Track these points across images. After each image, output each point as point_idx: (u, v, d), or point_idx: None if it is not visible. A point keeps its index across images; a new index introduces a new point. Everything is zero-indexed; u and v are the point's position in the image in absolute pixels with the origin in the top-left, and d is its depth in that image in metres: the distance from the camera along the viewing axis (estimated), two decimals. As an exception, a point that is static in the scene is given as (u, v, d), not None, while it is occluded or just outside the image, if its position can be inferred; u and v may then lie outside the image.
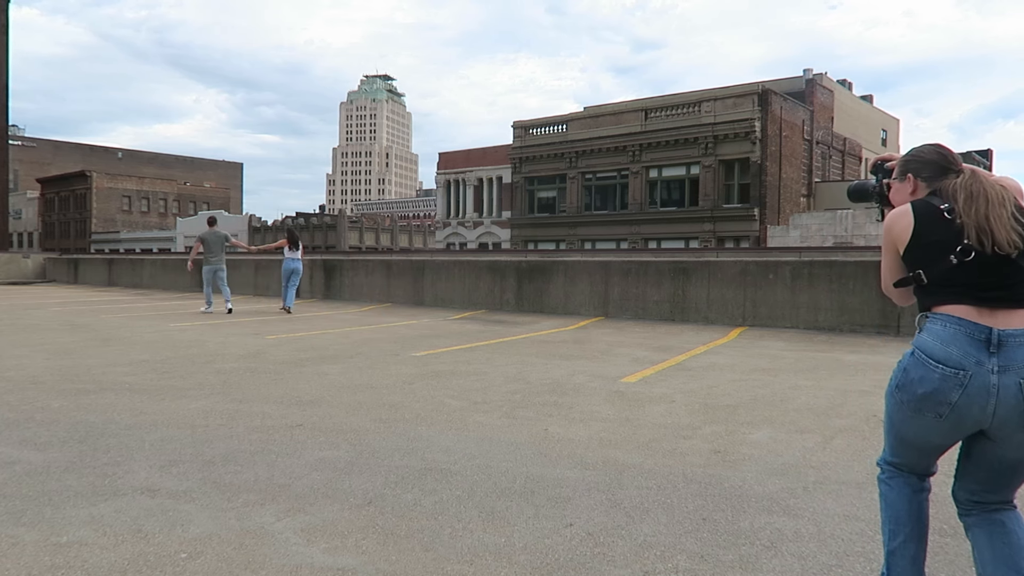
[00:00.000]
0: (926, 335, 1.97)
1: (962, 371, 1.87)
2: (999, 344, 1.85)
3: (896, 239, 2.05)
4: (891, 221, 2.08)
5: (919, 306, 2.08)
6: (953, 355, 1.89)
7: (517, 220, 40.68)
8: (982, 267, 1.91)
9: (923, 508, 2.14)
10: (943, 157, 2.10)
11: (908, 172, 2.16)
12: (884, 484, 2.20)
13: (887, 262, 2.13)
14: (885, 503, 2.17)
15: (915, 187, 2.13)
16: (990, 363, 1.85)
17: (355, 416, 4.75)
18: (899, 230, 2.04)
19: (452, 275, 14.55)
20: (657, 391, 5.64)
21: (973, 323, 1.89)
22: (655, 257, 12.80)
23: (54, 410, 4.86)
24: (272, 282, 18.40)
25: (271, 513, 2.99)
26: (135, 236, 68.71)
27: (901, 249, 2.04)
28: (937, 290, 1.98)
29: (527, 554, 2.61)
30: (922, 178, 2.11)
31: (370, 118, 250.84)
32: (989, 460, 2.01)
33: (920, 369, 1.94)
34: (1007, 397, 1.84)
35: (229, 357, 7.36)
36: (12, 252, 34.49)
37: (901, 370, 2.01)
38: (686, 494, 3.24)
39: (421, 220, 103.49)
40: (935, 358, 1.91)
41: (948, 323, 1.92)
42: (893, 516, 2.13)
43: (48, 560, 2.52)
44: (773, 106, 33.06)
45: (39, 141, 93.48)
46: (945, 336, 1.91)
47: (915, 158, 2.15)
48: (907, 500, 2.13)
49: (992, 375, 1.85)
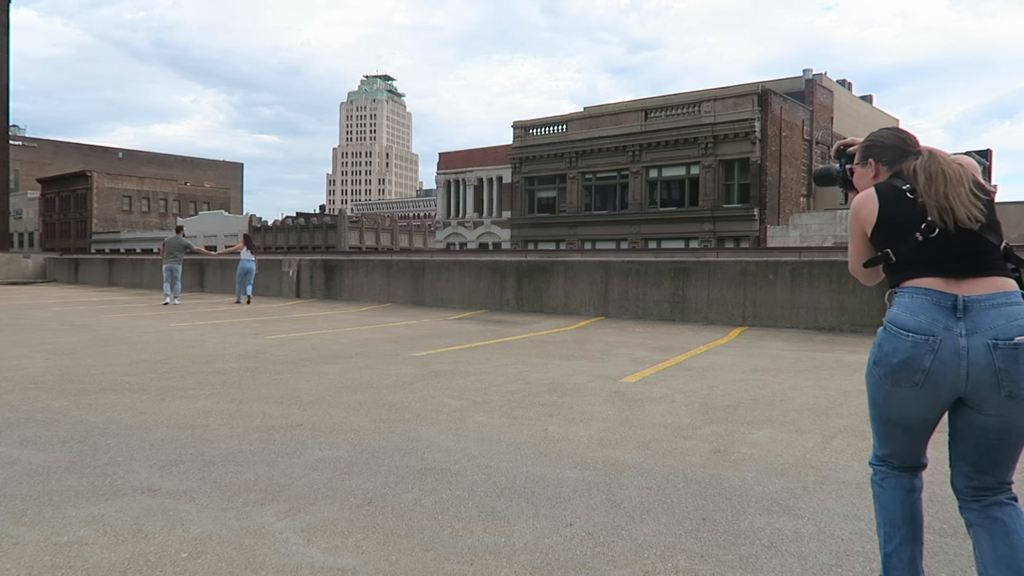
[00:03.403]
0: (896, 308, 2.04)
1: (932, 336, 1.94)
2: (965, 309, 1.93)
3: (863, 222, 2.13)
4: (857, 205, 2.16)
5: (888, 284, 2.14)
6: (922, 323, 1.96)
7: (517, 220, 40.68)
8: (946, 242, 1.99)
9: (917, 509, 2.15)
10: (902, 140, 2.18)
11: (869, 157, 2.24)
12: (877, 486, 2.21)
13: (855, 244, 2.19)
14: (879, 505, 2.19)
15: (877, 171, 2.22)
16: (958, 327, 1.92)
17: (355, 416, 4.75)
18: (865, 213, 2.12)
19: (452, 275, 14.55)
20: (657, 391, 5.64)
21: (939, 292, 1.97)
22: (655, 257, 12.80)
23: (54, 410, 4.86)
24: (272, 282, 18.41)
25: (271, 513, 2.99)
26: (135, 236, 68.74)
27: (868, 231, 2.12)
28: (905, 266, 2.06)
29: (527, 554, 2.61)
30: (883, 162, 2.20)
31: (370, 118, 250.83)
32: (975, 432, 2.01)
33: (892, 340, 2.00)
34: (977, 358, 1.90)
35: (229, 357, 7.36)
36: (12, 252, 34.49)
37: (875, 347, 2.07)
38: (686, 494, 3.24)
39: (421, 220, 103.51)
40: (905, 327, 1.98)
41: (915, 294, 2.00)
42: (888, 519, 2.15)
43: (48, 560, 2.52)
44: (773, 106, 33.06)
45: (39, 141, 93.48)
46: (913, 306, 1.99)
47: (875, 143, 2.23)
48: (900, 501, 2.14)
49: (960, 338, 1.91)
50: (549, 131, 39.66)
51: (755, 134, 32.24)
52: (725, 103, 33.39)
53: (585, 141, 37.56)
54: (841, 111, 41.65)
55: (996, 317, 1.91)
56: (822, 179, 2.53)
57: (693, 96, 35.71)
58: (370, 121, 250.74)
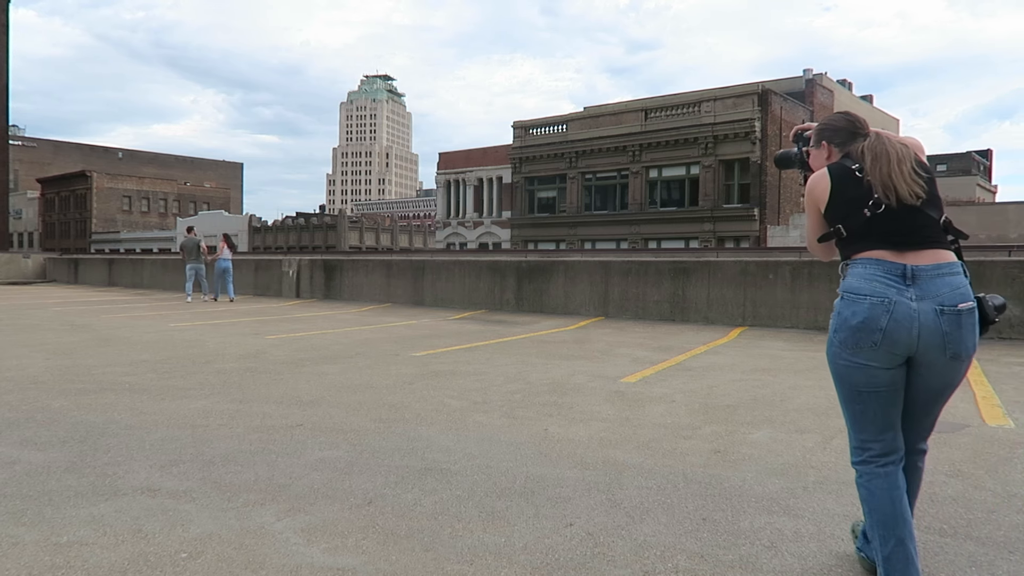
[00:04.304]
0: (850, 277, 2.20)
1: (886, 299, 2.11)
2: (914, 277, 2.11)
3: (817, 200, 2.30)
4: (812, 184, 2.32)
5: (841, 257, 2.30)
6: (876, 288, 2.13)
7: (517, 220, 40.68)
8: (892, 217, 2.16)
9: (906, 505, 2.20)
10: (851, 123, 2.35)
11: (823, 139, 2.41)
12: (864, 488, 2.25)
13: (811, 221, 2.36)
14: (869, 508, 2.22)
15: (830, 152, 2.38)
16: (909, 292, 2.10)
17: (355, 416, 4.75)
18: (819, 191, 2.28)
19: (452, 275, 14.55)
20: (657, 391, 5.64)
21: (890, 262, 2.14)
22: (655, 257, 12.79)
23: (54, 410, 4.86)
24: (272, 282, 18.41)
25: (271, 513, 2.99)
26: (135, 236, 68.77)
27: (822, 208, 2.29)
28: (856, 240, 2.22)
29: (527, 554, 2.61)
30: (835, 144, 2.36)
31: (370, 118, 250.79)
32: (917, 391, 2.23)
33: (851, 305, 2.17)
34: (927, 321, 2.08)
35: (229, 357, 7.36)
36: (12, 252, 34.48)
37: (834, 316, 2.23)
38: (686, 494, 3.24)
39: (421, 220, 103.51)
40: (861, 292, 2.15)
41: (868, 264, 2.17)
42: (881, 520, 2.17)
43: (48, 560, 2.52)
44: (773, 106, 33.06)
45: (39, 141, 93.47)
46: (866, 274, 2.16)
47: (828, 126, 2.41)
48: (890, 500, 2.18)
49: (912, 303, 2.09)
50: (549, 131, 39.65)
51: (755, 134, 32.24)
52: (725, 103, 33.39)
53: (585, 141, 37.55)
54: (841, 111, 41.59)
55: (941, 286, 2.09)
56: (782, 161, 2.70)
57: (693, 96, 35.71)
58: (370, 121, 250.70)
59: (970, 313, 2.10)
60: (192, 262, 16.41)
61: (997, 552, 2.62)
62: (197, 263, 16.45)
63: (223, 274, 16.48)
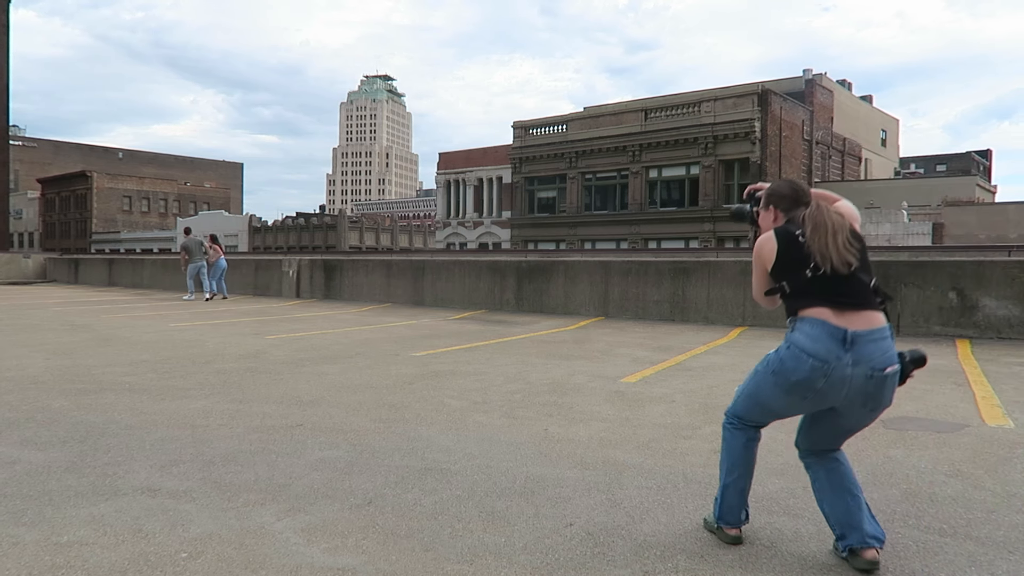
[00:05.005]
0: (798, 334, 2.47)
1: (826, 364, 2.38)
2: (852, 342, 2.38)
3: (765, 260, 2.59)
4: (760, 245, 2.62)
5: (786, 310, 2.59)
6: (820, 350, 2.39)
7: (517, 220, 40.68)
8: (831, 279, 2.45)
9: (754, 452, 2.72)
10: (796, 192, 2.65)
11: (770, 204, 2.71)
12: (728, 432, 2.74)
13: (758, 276, 2.65)
14: (727, 447, 2.73)
15: (776, 216, 2.68)
16: (846, 358, 2.37)
17: (355, 416, 4.75)
18: (766, 252, 2.58)
19: (452, 275, 14.55)
20: (657, 391, 5.64)
21: (833, 325, 2.40)
22: (655, 257, 12.79)
23: (54, 410, 4.86)
24: (272, 282, 18.41)
25: (271, 513, 2.99)
26: (135, 236, 68.76)
27: (769, 267, 2.58)
28: (799, 297, 2.51)
29: (527, 554, 2.61)
30: (781, 209, 2.66)
31: (370, 118, 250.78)
32: (831, 427, 2.58)
33: (795, 361, 2.44)
34: (857, 384, 2.39)
35: (229, 357, 7.37)
36: (12, 252, 34.49)
37: (778, 360, 2.51)
38: (686, 494, 3.24)
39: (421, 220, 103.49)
40: (807, 351, 2.41)
41: (814, 324, 2.44)
42: (732, 458, 2.70)
43: (48, 560, 2.53)
44: (773, 106, 33.07)
45: (39, 141, 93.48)
46: (814, 334, 2.42)
47: (775, 193, 2.70)
48: (743, 447, 2.70)
49: (848, 367, 2.38)
50: (549, 131, 39.65)
51: (755, 134, 32.25)
52: (725, 103, 33.39)
53: (585, 141, 37.56)
54: (841, 111, 41.64)
55: (874, 351, 2.38)
56: (736, 216, 3.01)
57: (693, 96, 35.71)
58: (370, 121, 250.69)
59: (894, 375, 2.41)
60: (196, 261, 16.86)
61: (997, 552, 2.62)
62: (200, 262, 16.88)
63: (223, 273, 17.09)
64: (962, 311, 8.85)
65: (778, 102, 33.63)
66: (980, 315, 8.74)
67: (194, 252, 16.91)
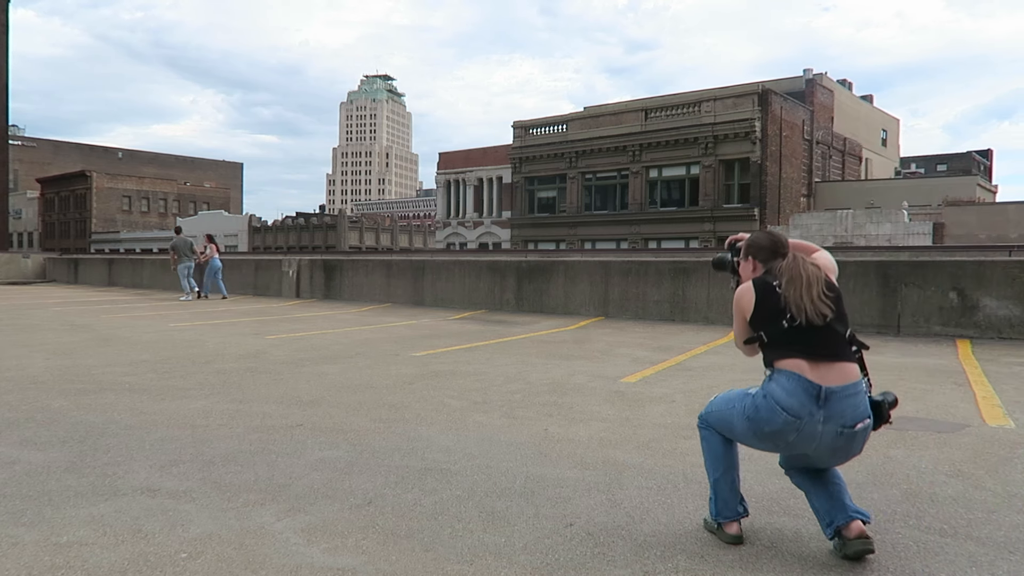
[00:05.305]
0: (775, 385, 2.53)
1: (799, 419, 2.46)
2: (826, 399, 2.45)
3: (744, 309, 2.68)
4: (739, 295, 2.72)
5: (764, 358, 2.66)
6: (794, 405, 2.47)
7: (517, 220, 40.67)
8: (806, 330, 2.53)
9: (735, 448, 2.80)
10: (774, 244, 2.75)
11: (749, 255, 2.82)
12: (704, 432, 2.84)
13: (738, 325, 2.75)
14: (707, 446, 2.82)
15: (755, 266, 2.78)
16: (819, 414, 2.46)
17: (355, 416, 4.75)
18: (745, 303, 2.67)
19: (452, 275, 14.55)
20: (657, 391, 5.64)
21: (808, 380, 2.47)
22: (655, 257, 12.79)
23: (54, 410, 4.86)
24: (272, 282, 18.41)
25: (271, 513, 2.99)
26: (135, 236, 68.75)
27: (748, 317, 2.67)
28: (776, 346, 2.59)
29: (527, 554, 2.61)
30: (759, 260, 2.76)
31: (370, 118, 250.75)
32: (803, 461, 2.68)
33: (769, 412, 2.52)
34: (827, 439, 2.48)
35: (229, 357, 7.36)
36: (12, 252, 34.49)
37: (753, 407, 2.58)
38: (686, 494, 3.24)
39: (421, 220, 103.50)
40: (782, 405, 2.49)
41: (791, 378, 2.50)
42: (714, 456, 2.79)
43: (48, 560, 2.52)
44: (773, 106, 33.06)
45: (39, 141, 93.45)
46: (790, 388, 2.49)
47: (753, 244, 2.81)
48: (721, 444, 2.79)
49: (819, 424, 2.46)
50: (549, 131, 39.65)
51: (755, 134, 32.24)
52: (725, 103, 33.39)
53: (585, 141, 37.56)
54: (841, 111, 41.63)
55: (846, 407, 2.46)
56: (718, 265, 3.13)
57: (693, 96, 35.71)
58: (370, 121, 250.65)
59: (864, 430, 2.50)
60: (186, 261, 17.04)
61: (998, 552, 2.62)
62: (189, 262, 17.09)
63: (217, 272, 17.11)
64: (963, 311, 8.85)
65: (778, 102, 33.62)
66: (981, 315, 8.74)
67: (183, 252, 17.08)
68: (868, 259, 9.96)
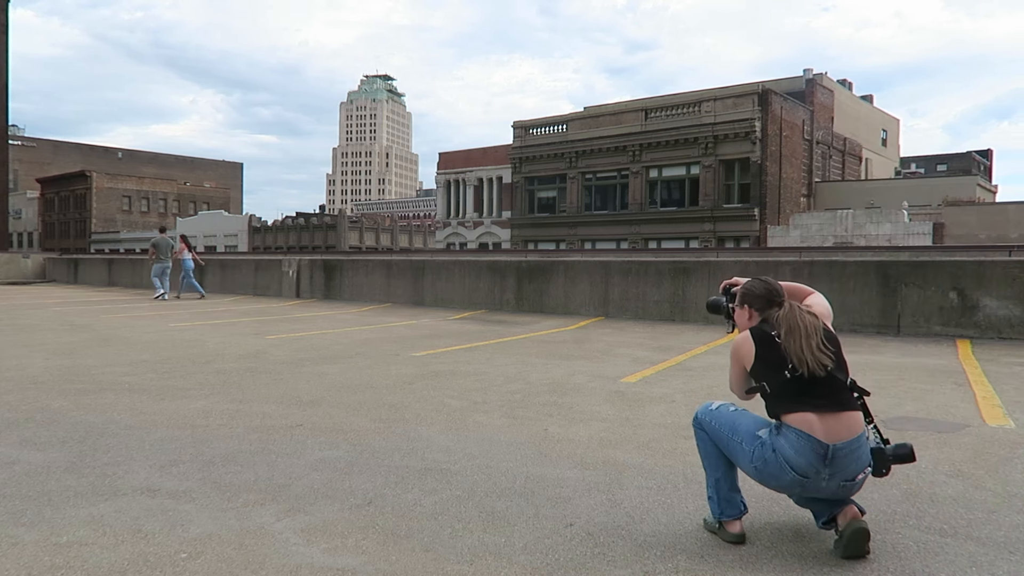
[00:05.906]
0: (785, 443, 2.53)
1: (806, 478, 2.51)
2: (832, 458, 2.48)
3: (743, 359, 2.69)
4: (737, 345, 2.72)
5: (768, 409, 2.64)
6: (803, 464, 2.49)
7: (517, 220, 40.67)
8: (809, 380, 2.53)
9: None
10: (769, 292, 2.74)
11: (744, 303, 2.81)
12: (701, 432, 2.84)
13: (737, 374, 2.76)
14: (703, 447, 2.84)
15: (751, 315, 2.78)
16: (824, 472, 2.49)
17: (355, 416, 4.75)
18: (744, 352, 2.68)
19: (452, 275, 14.55)
20: (657, 391, 5.64)
21: (817, 440, 2.47)
22: (655, 257, 12.79)
23: (54, 410, 4.86)
24: (272, 282, 18.41)
25: (271, 513, 2.99)
26: (135, 236, 68.70)
27: (747, 367, 2.68)
28: (780, 399, 2.58)
29: (527, 554, 2.61)
30: (755, 308, 2.75)
31: (370, 118, 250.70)
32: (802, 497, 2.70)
33: (777, 469, 2.54)
34: (829, 490, 2.53)
35: (229, 357, 7.36)
36: (12, 252, 34.49)
37: (762, 460, 2.57)
38: (686, 494, 3.24)
39: (421, 220, 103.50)
40: (790, 464, 2.51)
41: (801, 437, 2.50)
42: (714, 455, 2.79)
43: (48, 560, 2.52)
44: (773, 106, 33.06)
45: (39, 141, 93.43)
46: (799, 447, 2.50)
47: (749, 292, 2.79)
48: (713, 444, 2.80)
49: (824, 480, 2.50)
50: (549, 131, 39.65)
51: (755, 134, 32.24)
52: (725, 103, 33.39)
53: (585, 141, 37.55)
54: (841, 111, 41.63)
55: (850, 463, 2.49)
56: (712, 308, 3.15)
57: (693, 96, 35.70)
58: (370, 121, 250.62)
59: (864, 478, 2.55)
60: (163, 261, 17.08)
61: (998, 552, 2.62)
62: (167, 262, 17.14)
63: (188, 273, 17.27)
64: (963, 311, 8.85)
65: (778, 102, 33.62)
66: (981, 315, 8.74)
67: (162, 251, 17.11)
68: (868, 259, 9.96)
